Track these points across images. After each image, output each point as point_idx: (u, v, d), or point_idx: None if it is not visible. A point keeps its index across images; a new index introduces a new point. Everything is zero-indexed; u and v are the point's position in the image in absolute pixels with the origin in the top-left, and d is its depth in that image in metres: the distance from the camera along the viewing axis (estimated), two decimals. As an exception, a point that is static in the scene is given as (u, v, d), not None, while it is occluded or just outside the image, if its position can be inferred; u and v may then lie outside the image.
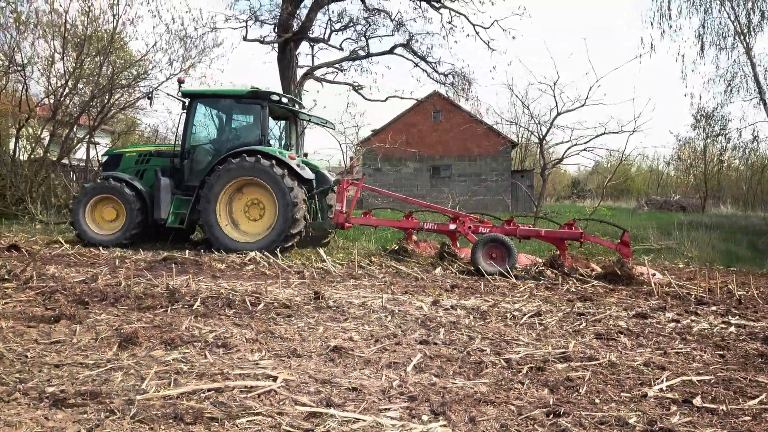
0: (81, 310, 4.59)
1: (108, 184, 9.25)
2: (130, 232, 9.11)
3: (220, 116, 9.93)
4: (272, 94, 9.35)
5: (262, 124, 9.19)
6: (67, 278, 5.90)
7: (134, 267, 6.94)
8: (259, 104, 9.20)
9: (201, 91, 10.15)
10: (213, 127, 9.97)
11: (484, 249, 7.74)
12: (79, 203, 9.34)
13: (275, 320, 4.61)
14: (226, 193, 8.83)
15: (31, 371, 3.19)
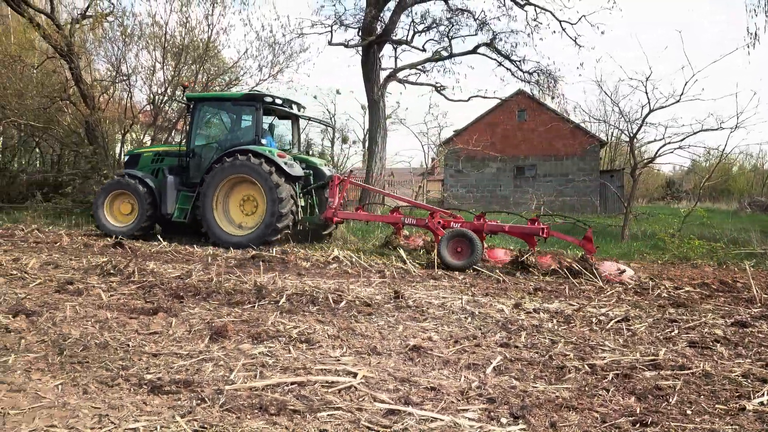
0: (176, 304, 4.88)
1: (123, 181, 10.05)
2: (141, 225, 9.88)
3: (221, 118, 10.62)
4: (266, 96, 9.84)
5: (257, 125, 9.67)
6: (164, 274, 6.28)
7: (225, 264, 7.29)
8: (254, 106, 9.71)
9: (203, 95, 10.91)
10: (215, 128, 10.67)
11: (450, 243, 7.93)
12: (99, 198, 10.22)
13: (356, 318, 4.70)
14: (222, 189, 9.42)
15: (132, 359, 3.43)
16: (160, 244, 8.88)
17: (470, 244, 7.83)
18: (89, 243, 8.81)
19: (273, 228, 9.01)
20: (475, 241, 7.83)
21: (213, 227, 9.36)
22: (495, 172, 31.27)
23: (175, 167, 10.20)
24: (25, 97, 15.06)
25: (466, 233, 7.96)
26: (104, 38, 15.40)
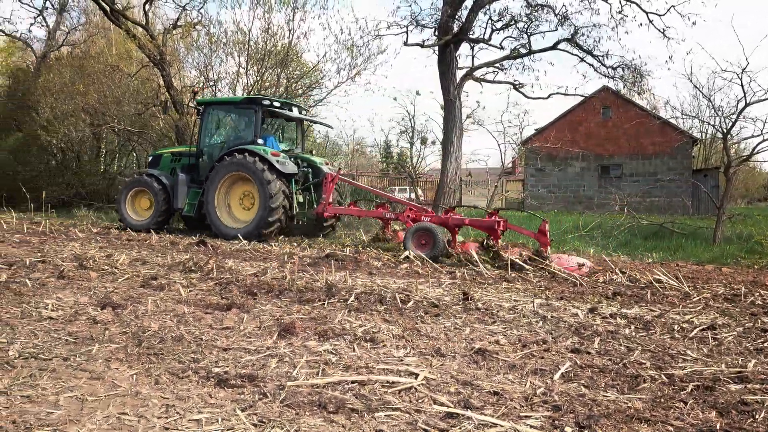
0: (250, 301, 5.04)
1: (141, 179, 11.10)
2: (156, 219, 10.79)
3: (225, 120, 11.38)
4: (264, 99, 10.57)
5: (255, 126, 10.32)
6: (241, 271, 6.51)
7: (299, 263, 7.46)
8: (253, 109, 10.43)
9: (210, 99, 11.86)
10: (221, 130, 11.40)
11: (415, 236, 8.48)
12: (121, 195, 11.26)
13: (423, 318, 4.67)
14: (223, 186, 10.20)
15: (203, 353, 3.57)
16: (240, 242, 9.22)
17: (432, 236, 8.33)
18: (175, 241, 9.29)
19: (265, 221, 9.67)
20: (436, 233, 8.33)
21: (214, 220, 10.17)
22: (578, 172, 30.19)
23: (186, 166, 11.11)
24: (123, 103, 16.11)
25: (428, 227, 8.50)
26: (193, 46, 16.21)
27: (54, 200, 16.38)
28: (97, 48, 20.54)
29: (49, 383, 2.90)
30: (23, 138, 16.89)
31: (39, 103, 16.51)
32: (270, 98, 10.96)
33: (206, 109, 11.12)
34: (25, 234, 9.39)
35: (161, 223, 10.95)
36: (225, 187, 10.28)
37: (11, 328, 3.92)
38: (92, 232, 10.19)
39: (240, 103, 10.90)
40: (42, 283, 5.43)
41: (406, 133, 30.86)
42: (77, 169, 17.11)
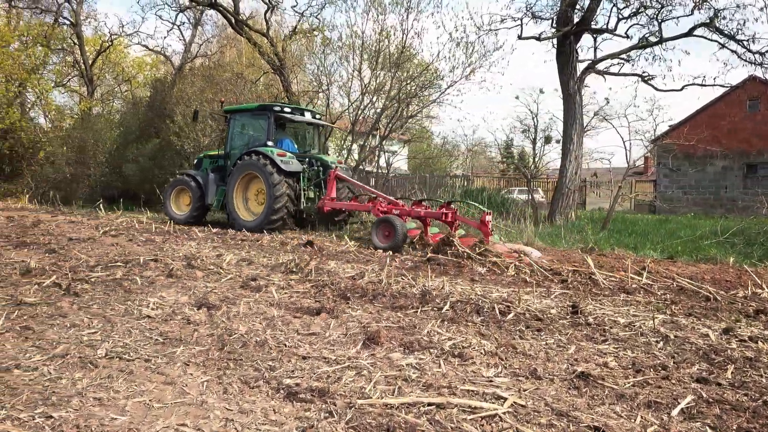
0: (341, 305, 4.90)
1: (182, 179, 12.56)
2: (193, 214, 12.20)
3: (246, 125, 12.38)
4: (275, 106, 11.80)
5: (268, 130, 11.44)
6: (340, 273, 6.42)
7: (400, 266, 7.26)
8: (266, 115, 11.61)
9: (233, 108, 12.93)
10: (243, 134, 12.41)
11: (379, 228, 9.07)
12: (167, 193, 12.82)
13: (522, 333, 4.24)
14: (240, 183, 11.41)
15: (282, 360, 3.44)
16: (346, 244, 9.21)
17: (393, 228, 8.85)
18: (285, 241, 9.47)
19: (271, 216, 10.77)
20: (397, 225, 8.83)
21: (233, 214, 11.46)
22: (720, 171, 27.34)
23: (216, 167, 12.46)
24: (246, 109, 16.90)
25: (389, 219, 9.06)
26: (309, 51, 16.67)
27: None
28: (226, 58, 21.85)
29: (123, 386, 2.90)
30: (160, 144, 18.30)
31: (173, 111, 17.81)
32: (281, 105, 12.16)
33: (231, 117, 12.49)
34: (152, 233, 10.05)
35: (197, 217, 12.31)
36: (242, 184, 11.53)
37: (111, 326, 4.06)
38: (211, 231, 10.71)
39: (255, 110, 12.12)
40: (151, 281, 5.67)
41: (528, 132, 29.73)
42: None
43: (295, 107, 12.41)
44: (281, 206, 10.79)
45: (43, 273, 5.75)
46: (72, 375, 3.01)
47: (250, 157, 11.16)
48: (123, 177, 19.30)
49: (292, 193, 11.00)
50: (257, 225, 10.89)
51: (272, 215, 10.78)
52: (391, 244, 8.70)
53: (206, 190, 12.08)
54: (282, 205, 10.78)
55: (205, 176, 12.28)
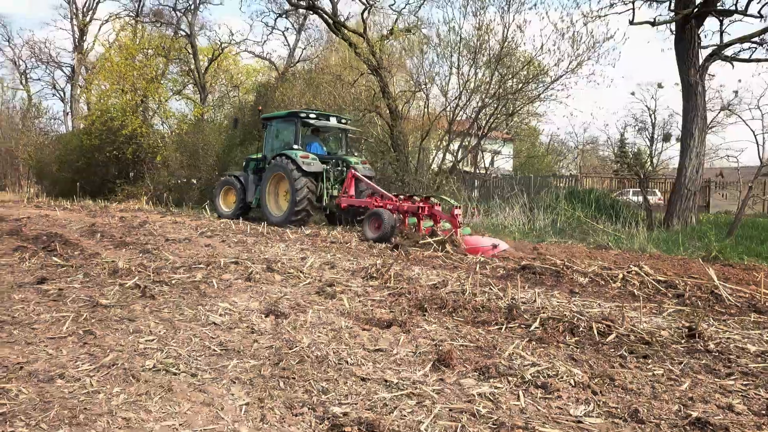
0: (415, 317, 4.47)
1: (228, 179, 14.08)
2: (236, 211, 13.54)
3: (279, 130, 13.48)
4: (301, 112, 12.98)
5: (295, 134, 12.65)
6: (422, 280, 5.99)
7: (490, 274, 6.70)
8: (293, 121, 12.80)
9: (269, 115, 14.31)
10: (277, 138, 13.52)
11: (370, 221, 9.89)
12: (217, 191, 14.47)
13: (624, 360, 3.59)
14: (271, 183, 12.71)
15: (337, 381, 3.08)
16: (432, 248, 8.75)
17: (381, 220, 9.65)
18: (373, 245, 9.18)
19: (293, 210, 11.83)
20: (384, 217, 9.59)
21: (264, 210, 12.85)
22: None
23: (256, 168, 13.65)
24: (344, 111, 16.94)
25: (377, 212, 9.89)
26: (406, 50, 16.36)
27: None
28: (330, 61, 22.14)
29: (157, 405, 2.66)
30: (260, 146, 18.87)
31: (275, 114, 18.27)
32: (307, 112, 13.28)
33: (267, 123, 13.91)
34: (247, 234, 10.16)
35: (241, 213, 13.58)
36: (273, 184, 12.80)
37: (174, 332, 3.91)
38: (303, 233, 10.66)
39: (285, 117, 13.42)
40: (228, 284, 5.55)
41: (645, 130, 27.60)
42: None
43: (320, 113, 13.57)
44: (303, 203, 11.82)
45: (129, 273, 5.81)
46: (111, 389, 2.82)
47: (279, 159, 12.36)
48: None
49: (313, 192, 12.00)
50: (283, 220, 12.11)
51: (295, 211, 11.88)
52: (380, 235, 9.53)
53: (247, 189, 13.50)
54: (303, 198, 11.80)
55: (247, 177, 13.63)
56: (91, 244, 8.49)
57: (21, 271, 6.01)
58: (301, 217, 11.96)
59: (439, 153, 16.53)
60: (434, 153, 16.77)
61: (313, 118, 12.89)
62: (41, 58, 43.58)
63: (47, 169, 29.41)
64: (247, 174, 13.68)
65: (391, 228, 9.55)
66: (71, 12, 38.57)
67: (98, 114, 25.19)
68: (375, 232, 9.72)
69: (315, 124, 12.96)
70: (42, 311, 4.31)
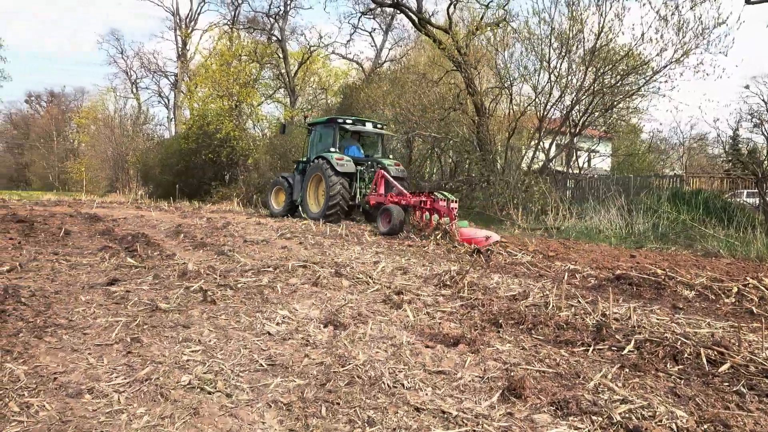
0: (488, 334, 3.97)
1: (278, 180, 15.46)
2: (286, 208, 14.81)
3: (321, 135, 14.42)
4: (339, 118, 13.96)
5: (333, 138, 13.64)
6: (500, 291, 5.45)
7: (580, 284, 6.03)
8: (332, 126, 13.79)
9: (312, 121, 15.50)
10: (319, 142, 14.43)
11: (382, 216, 10.87)
12: (269, 191, 15.99)
13: (741, 399, 2.92)
14: (311, 183, 13.80)
15: (387, 410, 2.67)
16: (516, 255, 8.11)
17: (390, 215, 10.53)
18: (452, 249, 8.68)
19: (327, 207, 12.84)
20: (393, 212, 10.49)
21: (305, 207, 14.02)
22: None
23: (302, 169, 14.66)
24: (428, 110, 16.52)
25: (388, 208, 10.77)
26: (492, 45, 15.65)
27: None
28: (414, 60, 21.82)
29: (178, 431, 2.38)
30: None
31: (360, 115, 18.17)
32: (344, 118, 14.35)
33: (312, 128, 15.18)
34: (325, 236, 9.99)
35: (289, 210, 14.81)
36: (313, 183, 13.91)
37: (225, 342, 3.67)
38: (378, 236, 10.35)
39: (325, 123, 14.47)
40: (294, 289, 5.30)
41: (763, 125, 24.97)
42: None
43: (356, 119, 14.68)
44: (335, 199, 12.85)
45: (197, 276, 5.71)
46: (136, 410, 2.57)
47: (317, 161, 13.54)
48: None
49: (346, 190, 13.01)
50: (319, 216, 13.16)
51: (329, 206, 12.92)
52: (390, 229, 10.47)
53: (294, 189, 14.60)
54: (336, 196, 12.82)
55: (294, 177, 14.79)
56: (173, 244, 8.62)
57: (98, 271, 6.09)
58: (335, 213, 12.99)
59: (529, 152, 15.68)
60: (523, 152, 15.94)
61: (350, 124, 14.03)
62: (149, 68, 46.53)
63: (151, 172, 31.22)
64: (294, 175, 14.85)
65: (400, 222, 10.51)
66: (175, 23, 40.83)
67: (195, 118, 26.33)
68: (386, 226, 10.63)
69: (351, 128, 14.15)
70: (100, 314, 4.22)
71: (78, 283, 5.42)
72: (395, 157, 18.44)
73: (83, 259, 6.81)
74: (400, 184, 12.04)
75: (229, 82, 26.20)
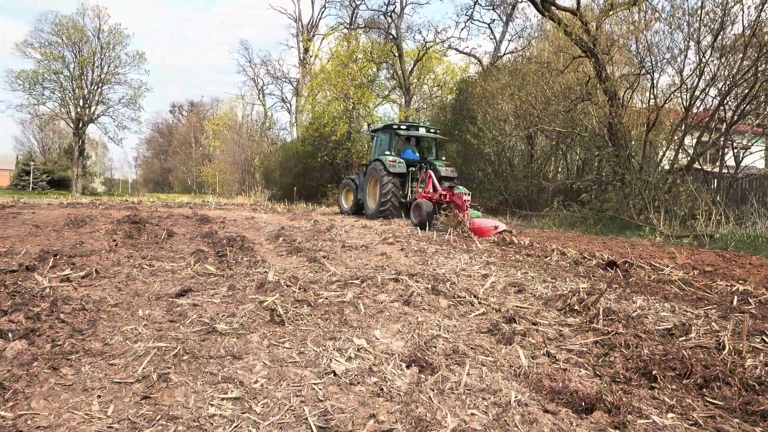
0: (636, 393, 2.76)
1: (348, 182, 16.78)
2: (353, 207, 15.93)
3: (381, 140, 15.61)
4: (394, 125, 15.33)
5: (389, 143, 14.98)
6: (646, 321, 4.13)
7: (760, 315, 4.52)
8: (389, 132, 15.21)
9: (374, 128, 16.59)
10: (379, 146, 15.60)
11: (414, 210, 12.57)
12: (340, 192, 17.33)
13: None
14: (370, 183, 14.96)
15: None
16: (662, 270, 6.57)
17: (419, 209, 12.27)
18: (581, 261, 7.30)
19: (380, 205, 13.92)
20: (423, 206, 12.16)
21: (365, 204, 15.14)
22: None
23: (366, 172, 15.80)
24: (552, 102, 14.98)
25: (419, 202, 12.51)
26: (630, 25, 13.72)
27: (483, 208, 16.50)
28: (534, 50, 20.21)
29: None
30: (461, 147, 17.72)
31: (475, 111, 16.99)
32: (399, 124, 15.59)
33: (374, 134, 16.61)
34: (430, 242, 9.01)
35: (356, 209, 16.02)
36: (372, 183, 15.08)
37: (275, 384, 2.82)
38: (490, 243, 9.14)
39: (383, 129, 15.90)
40: (379, 309, 4.37)
41: None
42: (507, 175, 16.88)
43: (411, 125, 15.81)
44: (387, 196, 14.03)
45: (275, 288, 4.96)
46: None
47: (374, 163, 14.86)
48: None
49: (396, 189, 14.17)
50: (374, 213, 14.46)
51: (381, 202, 14.12)
52: (420, 220, 11.78)
53: (359, 189, 15.86)
54: (387, 193, 13.99)
55: (359, 179, 16.15)
56: (267, 249, 8.08)
57: (176, 279, 5.56)
58: (387, 209, 14.19)
59: (671, 148, 13.59)
60: (664, 148, 13.86)
61: (404, 129, 15.34)
62: (274, 75, 48.28)
63: (272, 175, 32.04)
64: (360, 176, 16.34)
65: (428, 214, 11.84)
66: (297, 29, 41.91)
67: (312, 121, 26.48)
68: (417, 218, 12.11)
69: (404, 134, 15.32)
70: (146, 336, 3.55)
71: (147, 293, 4.88)
72: (512, 155, 17.95)
73: (169, 264, 6.38)
74: (449, 184, 13.19)
75: (345, 84, 26.04)
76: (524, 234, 11.07)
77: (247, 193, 38.75)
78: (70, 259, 6.35)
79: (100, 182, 76.92)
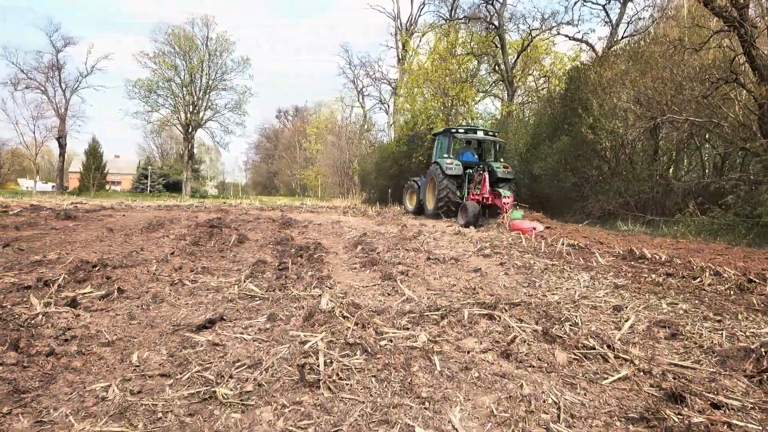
0: None
1: (411, 184, 17.31)
2: (416, 208, 16.43)
3: (441, 143, 16.37)
4: (452, 129, 15.93)
5: (448, 145, 15.72)
6: None
7: None
8: (447, 135, 15.95)
9: (436, 132, 17.68)
10: (440, 149, 16.35)
11: (462, 211, 12.85)
12: (405, 193, 17.94)
13: None
14: (429, 184, 15.66)
15: None
16: None
17: (466, 210, 12.49)
18: (747, 287, 5.35)
19: (437, 205, 14.62)
20: (469, 208, 12.37)
21: (425, 205, 15.77)
22: None
23: None
24: (683, 88, 12.73)
25: (466, 204, 12.75)
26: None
27: (599, 211, 14.41)
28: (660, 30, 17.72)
29: None
30: (572, 140, 15.70)
31: (588, 100, 14.94)
32: (457, 128, 15.85)
33: (435, 137, 16.98)
34: (538, 254, 7.40)
35: (419, 210, 16.26)
36: (430, 185, 15.34)
37: None
38: (613, 256, 7.33)
39: (443, 132, 16.23)
40: (465, 366, 2.97)
41: None
42: (627, 173, 14.63)
43: (469, 128, 16.14)
44: (443, 194, 14.29)
45: (327, 321, 3.70)
46: None
47: (433, 166, 15.37)
48: (532, 177, 17.69)
49: (452, 190, 14.35)
50: (432, 213, 14.85)
51: (438, 204, 14.42)
52: (467, 221, 12.22)
53: (420, 190, 16.22)
54: (444, 196, 14.27)
55: (421, 180, 16.51)
56: (340, 260, 6.89)
57: (213, 301, 4.47)
58: (444, 209, 14.36)
59: None
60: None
61: (462, 133, 15.68)
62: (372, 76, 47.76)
63: (368, 177, 31.25)
64: (422, 178, 16.68)
65: (473, 215, 12.22)
66: (396, 28, 41.01)
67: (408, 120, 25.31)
68: (464, 219, 12.47)
69: (462, 137, 15.75)
70: (100, 412, 2.40)
71: (165, 323, 3.80)
72: (632, 150, 15.62)
73: (217, 279, 5.33)
74: (507, 185, 13.75)
75: (444, 80, 24.61)
76: (653, 245, 9.09)
77: (345, 195, 38.33)
78: (108, 271, 5.49)
79: (213, 186, 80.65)
